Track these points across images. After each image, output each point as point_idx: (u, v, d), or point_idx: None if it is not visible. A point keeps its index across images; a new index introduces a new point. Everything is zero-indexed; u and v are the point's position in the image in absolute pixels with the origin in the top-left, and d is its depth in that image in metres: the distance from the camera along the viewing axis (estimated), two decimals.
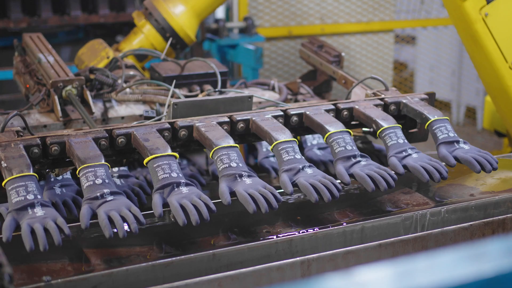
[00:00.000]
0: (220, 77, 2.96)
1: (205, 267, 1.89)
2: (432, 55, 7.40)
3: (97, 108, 2.88)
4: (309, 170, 2.17)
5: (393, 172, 2.23)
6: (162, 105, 2.84)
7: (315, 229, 2.05)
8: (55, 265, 1.82)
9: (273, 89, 3.25)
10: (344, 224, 2.09)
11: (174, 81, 2.85)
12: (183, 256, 1.88)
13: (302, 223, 2.10)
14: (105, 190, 1.94)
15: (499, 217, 2.24)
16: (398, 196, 2.30)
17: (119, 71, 3.12)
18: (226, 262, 1.91)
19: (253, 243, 1.96)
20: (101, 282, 1.77)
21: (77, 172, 1.99)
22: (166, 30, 3.43)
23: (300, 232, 2.03)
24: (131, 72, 3.18)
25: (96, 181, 1.95)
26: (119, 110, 2.90)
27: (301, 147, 3.04)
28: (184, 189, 1.99)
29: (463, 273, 0.86)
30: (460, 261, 0.89)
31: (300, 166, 2.17)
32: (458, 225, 2.18)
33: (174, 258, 1.86)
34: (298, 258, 1.95)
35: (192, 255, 1.89)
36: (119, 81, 2.97)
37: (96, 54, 3.27)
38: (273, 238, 2.00)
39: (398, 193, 2.31)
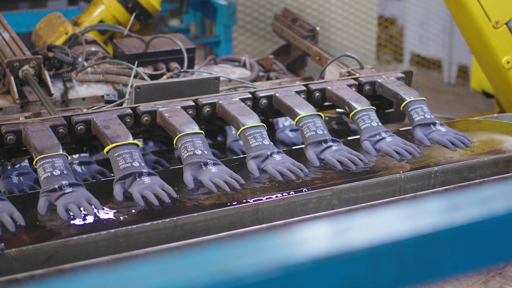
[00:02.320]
0: (186, 54, 3.03)
1: (166, 235, 1.94)
2: (420, 10, 7.43)
3: (56, 88, 2.96)
4: (277, 157, 2.27)
5: (364, 158, 2.33)
6: (125, 85, 2.92)
7: (283, 195, 2.11)
8: (9, 233, 1.86)
9: (244, 65, 3.34)
10: (313, 189, 2.15)
11: (136, 62, 2.92)
12: (144, 224, 1.93)
13: (271, 189, 2.15)
14: (64, 182, 2.03)
15: (476, 180, 2.31)
16: (374, 160, 2.36)
17: (80, 47, 3.19)
18: (189, 230, 1.97)
19: (217, 210, 2.01)
20: (57, 251, 1.83)
21: (34, 163, 2.08)
22: (127, 0, 3.49)
23: (267, 198, 2.09)
24: (93, 48, 3.25)
25: (54, 173, 2.04)
26: (79, 91, 2.98)
27: (273, 128, 3.14)
28: (146, 179, 2.09)
29: (399, 230, 0.96)
30: (397, 218, 0.98)
31: (268, 153, 2.27)
32: (433, 190, 2.25)
33: (134, 226, 1.91)
34: (264, 225, 2.01)
35: (153, 222, 1.93)
36: (80, 59, 3.05)
37: (54, 29, 3.34)
38: (239, 204, 2.05)
39: (373, 157, 2.38)
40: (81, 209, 1.97)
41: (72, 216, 1.94)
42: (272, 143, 2.32)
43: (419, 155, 2.37)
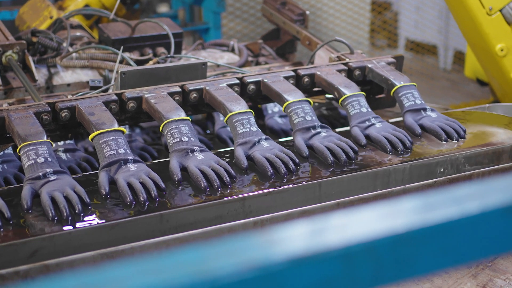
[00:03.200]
0: (173, 39, 3.05)
1: (152, 230, 1.97)
2: None
3: (40, 74, 2.97)
4: (265, 143, 2.30)
5: (354, 144, 2.36)
6: (111, 71, 2.94)
7: (270, 189, 2.13)
8: None
9: (232, 50, 3.36)
10: (300, 182, 2.18)
11: (122, 47, 2.94)
12: (129, 218, 1.95)
13: (260, 182, 2.18)
14: (48, 169, 2.05)
15: (465, 173, 2.35)
16: (363, 152, 2.39)
17: (64, 32, 3.20)
18: (175, 223, 2.00)
19: (203, 203, 2.04)
20: (42, 246, 1.85)
21: (17, 151, 2.10)
22: None
23: (254, 191, 2.12)
24: (78, 33, 3.26)
25: (38, 160, 2.06)
26: (64, 77, 3.00)
27: (262, 114, 3.16)
28: (132, 167, 2.11)
29: (375, 229, 0.98)
30: (375, 218, 1.01)
31: (256, 139, 2.30)
32: (422, 182, 2.27)
33: (119, 220, 1.94)
34: (250, 219, 2.03)
35: (138, 216, 1.96)
36: (65, 44, 3.06)
37: (38, 13, 3.35)
38: (225, 198, 2.08)
39: (362, 149, 2.40)
40: (65, 194, 1.98)
41: (55, 209, 1.95)
42: (260, 129, 2.35)
43: (409, 144, 2.39)
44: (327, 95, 2.80)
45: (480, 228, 1.04)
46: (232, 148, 2.33)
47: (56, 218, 1.92)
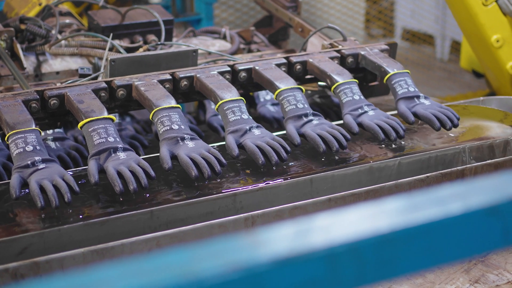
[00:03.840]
0: (164, 26, 3.06)
1: (142, 226, 2.00)
2: None
3: (29, 62, 2.98)
4: (256, 131, 2.31)
5: (346, 132, 2.38)
6: (100, 58, 2.95)
7: (261, 184, 2.16)
8: None
9: (224, 37, 3.37)
10: (292, 177, 2.20)
11: (111, 34, 2.95)
12: (119, 215, 1.98)
13: (251, 177, 2.20)
14: (37, 158, 2.06)
15: (458, 168, 2.36)
16: (354, 147, 2.41)
17: (53, 19, 3.21)
18: (165, 220, 2.02)
19: (194, 200, 2.07)
20: (32, 243, 1.88)
21: (5, 139, 2.11)
22: None
23: (245, 187, 2.14)
24: (67, 20, 3.27)
25: (27, 148, 2.07)
26: (53, 65, 3.01)
27: (254, 103, 3.17)
28: (121, 155, 2.12)
29: (359, 230, 0.99)
30: (360, 219, 1.02)
31: (247, 127, 2.31)
32: (414, 177, 2.28)
33: (109, 217, 1.97)
34: (241, 215, 2.05)
35: (128, 213, 1.99)
36: (53, 31, 3.06)
37: (27, 0, 3.35)
38: (216, 194, 2.10)
39: (354, 144, 2.43)
40: (54, 183, 1.99)
41: (44, 198, 1.96)
42: (251, 117, 2.36)
43: (402, 132, 2.40)
44: (320, 83, 2.81)
45: (467, 227, 1.05)
46: (223, 142, 2.33)
47: (44, 207, 1.94)
